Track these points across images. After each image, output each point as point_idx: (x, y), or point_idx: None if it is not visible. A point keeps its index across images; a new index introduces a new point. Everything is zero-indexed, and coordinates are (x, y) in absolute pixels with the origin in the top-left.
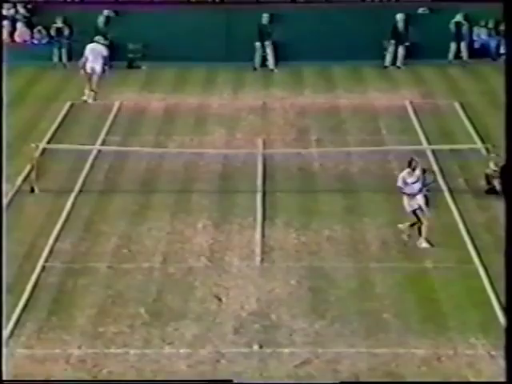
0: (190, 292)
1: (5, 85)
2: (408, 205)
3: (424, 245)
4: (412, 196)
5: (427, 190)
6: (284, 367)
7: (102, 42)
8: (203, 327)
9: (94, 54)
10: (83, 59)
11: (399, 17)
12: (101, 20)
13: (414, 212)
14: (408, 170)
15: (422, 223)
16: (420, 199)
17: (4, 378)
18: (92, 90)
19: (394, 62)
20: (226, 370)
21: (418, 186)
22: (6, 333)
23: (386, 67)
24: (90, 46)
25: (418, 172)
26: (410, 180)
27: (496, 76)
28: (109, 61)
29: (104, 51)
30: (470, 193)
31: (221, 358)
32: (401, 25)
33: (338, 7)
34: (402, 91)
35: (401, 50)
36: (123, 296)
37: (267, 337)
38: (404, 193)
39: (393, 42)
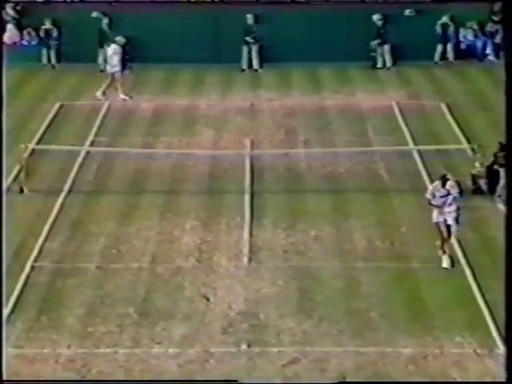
0: (178, 292)
1: (5, 85)
2: (435, 216)
3: (445, 264)
4: (440, 209)
5: (458, 209)
6: (272, 366)
7: (121, 42)
8: (192, 327)
9: (113, 54)
10: (108, 60)
11: (376, 17)
12: (104, 22)
13: (437, 224)
14: (438, 182)
15: (446, 240)
16: (449, 215)
17: (4, 378)
18: (116, 89)
19: (384, 64)
20: (215, 369)
21: (447, 200)
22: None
23: (378, 68)
24: (110, 47)
25: (447, 187)
26: (438, 194)
27: (482, 77)
28: (126, 60)
29: (119, 51)
30: None
31: (209, 358)
32: (379, 24)
33: (326, 9)
34: (389, 92)
35: (386, 51)
36: (112, 296)
37: (255, 336)
38: (432, 204)
39: (377, 42)
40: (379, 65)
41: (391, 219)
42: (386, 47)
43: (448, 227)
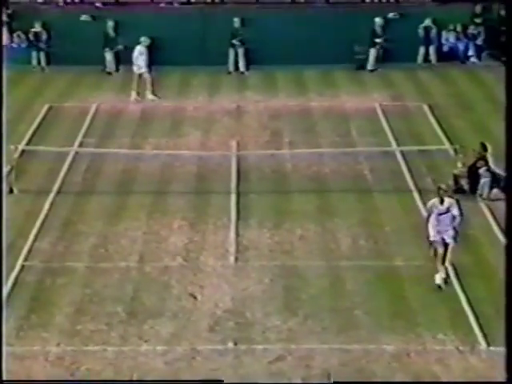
0: (165, 291)
1: (5, 86)
2: (432, 235)
3: (439, 281)
4: (438, 227)
5: (453, 229)
6: (258, 363)
7: (146, 43)
8: (179, 325)
9: (138, 55)
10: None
11: (377, 20)
12: (110, 25)
13: (434, 243)
14: (436, 199)
15: (443, 260)
16: (446, 233)
17: (4, 377)
18: (147, 89)
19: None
20: (202, 366)
21: (446, 217)
22: None
23: (371, 71)
24: (135, 49)
25: (446, 204)
26: (437, 211)
27: (464, 79)
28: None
29: (145, 52)
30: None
31: (196, 355)
32: (378, 28)
33: (311, 12)
34: (372, 94)
35: (375, 53)
36: (100, 294)
37: (241, 334)
38: (430, 221)
39: (372, 44)
40: (370, 66)
41: (375, 219)
42: (374, 50)
43: (445, 246)
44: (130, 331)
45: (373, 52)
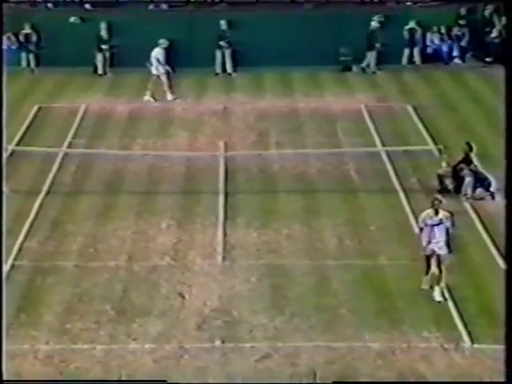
0: (154, 289)
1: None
2: (423, 248)
3: (438, 298)
4: (430, 238)
5: (446, 241)
6: (245, 361)
7: (165, 45)
8: (167, 323)
9: (156, 56)
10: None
11: (374, 23)
12: (103, 27)
13: (428, 256)
14: (430, 210)
15: (436, 272)
16: (436, 245)
17: (4, 377)
18: (165, 90)
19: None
20: (189, 364)
21: (439, 229)
22: None
23: (373, 72)
24: (154, 50)
25: (441, 216)
26: (430, 222)
27: (448, 79)
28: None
29: (162, 53)
30: (422, 192)
31: (184, 353)
32: (374, 30)
33: (298, 14)
34: (358, 95)
35: (372, 55)
36: (89, 293)
37: (229, 332)
38: (423, 233)
39: (370, 47)
40: (364, 67)
41: (360, 218)
42: (374, 52)
43: (438, 258)
44: (118, 330)
45: (371, 55)
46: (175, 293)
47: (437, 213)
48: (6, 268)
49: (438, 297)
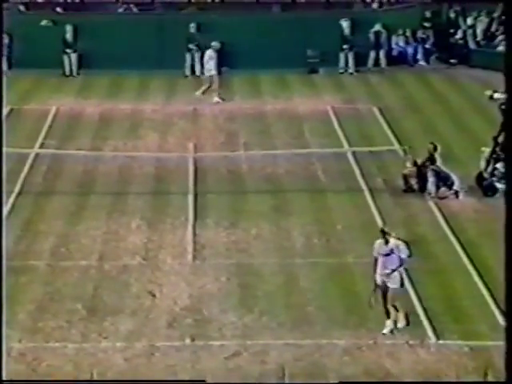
0: (125, 288)
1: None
2: (379, 276)
3: (400, 325)
4: (381, 269)
5: (398, 272)
6: (215, 359)
7: (216, 47)
8: (138, 322)
9: (209, 59)
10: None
11: (345, 24)
12: (68, 29)
13: (377, 287)
14: (381, 240)
15: (394, 310)
16: (387, 276)
17: (4, 377)
18: (214, 92)
19: (345, 69)
20: (160, 362)
21: (391, 259)
22: None
23: (341, 73)
24: (206, 53)
25: (391, 245)
26: (382, 251)
27: (412, 81)
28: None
29: (215, 56)
30: (388, 192)
31: (155, 351)
32: (347, 32)
33: (266, 17)
34: (325, 97)
35: (350, 57)
36: (61, 292)
37: (199, 331)
38: (377, 263)
39: (344, 48)
40: (341, 69)
41: (328, 217)
42: (351, 54)
43: (385, 290)
44: (90, 328)
45: (342, 56)
46: (146, 292)
47: (387, 242)
48: None
49: (385, 329)
